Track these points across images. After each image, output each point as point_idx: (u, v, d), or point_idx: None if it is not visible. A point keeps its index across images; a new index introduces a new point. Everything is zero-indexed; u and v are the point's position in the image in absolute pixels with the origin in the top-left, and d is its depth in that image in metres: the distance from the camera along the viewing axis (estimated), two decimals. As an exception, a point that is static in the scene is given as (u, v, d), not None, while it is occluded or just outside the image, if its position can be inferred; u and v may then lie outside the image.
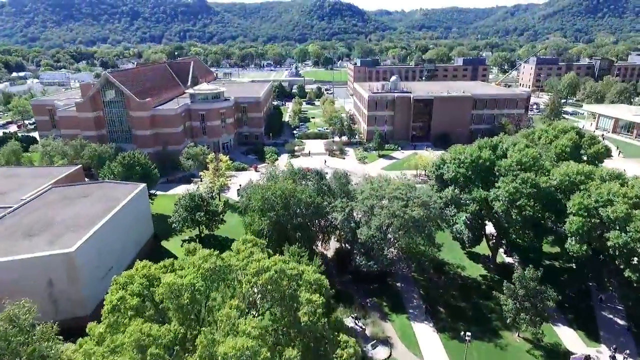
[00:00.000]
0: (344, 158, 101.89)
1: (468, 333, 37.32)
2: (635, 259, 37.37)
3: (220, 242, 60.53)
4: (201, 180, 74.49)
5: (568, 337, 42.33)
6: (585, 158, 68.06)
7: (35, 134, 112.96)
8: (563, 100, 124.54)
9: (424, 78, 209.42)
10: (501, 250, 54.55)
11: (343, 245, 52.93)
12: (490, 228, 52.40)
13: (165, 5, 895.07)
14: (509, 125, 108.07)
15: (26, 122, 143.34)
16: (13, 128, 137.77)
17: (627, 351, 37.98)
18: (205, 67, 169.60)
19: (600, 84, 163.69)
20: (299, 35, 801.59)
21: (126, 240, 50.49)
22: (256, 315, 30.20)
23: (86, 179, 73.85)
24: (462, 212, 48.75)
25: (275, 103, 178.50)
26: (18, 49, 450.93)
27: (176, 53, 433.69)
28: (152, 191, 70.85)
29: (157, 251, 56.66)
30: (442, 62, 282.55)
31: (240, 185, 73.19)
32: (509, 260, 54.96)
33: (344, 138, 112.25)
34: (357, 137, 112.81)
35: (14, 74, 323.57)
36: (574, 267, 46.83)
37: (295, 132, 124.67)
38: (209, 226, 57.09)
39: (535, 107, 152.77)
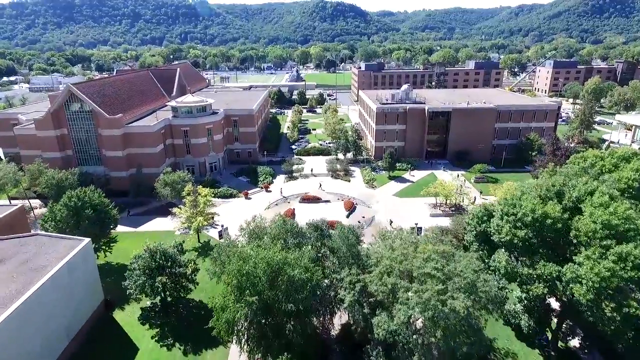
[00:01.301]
0: (349, 180, 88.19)
1: None
2: None
3: (192, 309, 47.07)
4: (177, 217, 61.19)
5: None
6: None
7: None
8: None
9: (433, 84, 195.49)
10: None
11: (354, 326, 39.19)
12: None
13: (167, 7, 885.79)
14: (538, 142, 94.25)
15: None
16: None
17: None
18: (196, 73, 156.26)
19: (629, 90, 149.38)
20: (301, 36, 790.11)
21: (56, 323, 37.06)
22: None
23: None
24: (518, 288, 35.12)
25: (273, 111, 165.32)
26: (13, 52, 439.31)
27: (172, 57, 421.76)
28: (114, 230, 57.58)
29: (106, 329, 43.27)
30: (449, 65, 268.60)
31: (222, 227, 59.75)
32: (573, 342, 41.14)
33: (349, 155, 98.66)
34: (363, 154, 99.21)
35: (4, 79, 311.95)
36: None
37: (294, 146, 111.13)
38: (175, 292, 43.51)
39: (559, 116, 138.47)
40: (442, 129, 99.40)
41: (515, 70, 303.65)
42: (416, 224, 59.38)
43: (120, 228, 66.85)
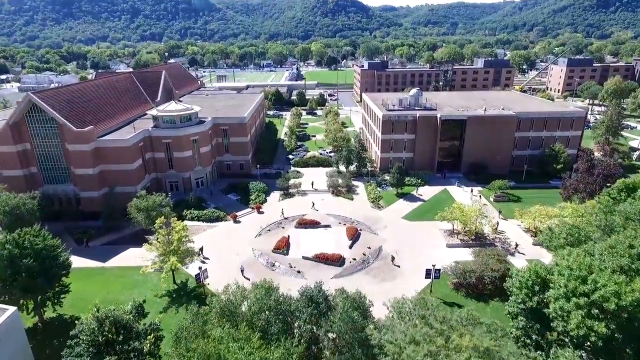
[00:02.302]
0: (352, 198, 78.25)
1: None
2: None
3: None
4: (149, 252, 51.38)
5: None
6: None
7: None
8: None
9: (440, 83, 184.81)
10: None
11: None
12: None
13: (166, 3, 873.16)
14: (564, 153, 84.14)
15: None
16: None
17: None
18: (186, 75, 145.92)
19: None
20: (302, 32, 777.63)
21: None
22: None
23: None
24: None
25: (271, 113, 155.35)
26: (6, 49, 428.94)
27: (168, 54, 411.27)
28: (66, 277, 47.86)
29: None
30: (455, 63, 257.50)
31: (201, 269, 49.99)
32: None
33: (352, 167, 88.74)
34: (368, 166, 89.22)
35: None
36: None
37: (291, 156, 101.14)
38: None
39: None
40: (456, 139, 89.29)
41: (524, 67, 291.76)
42: (433, 265, 49.50)
43: (82, 262, 57.41)
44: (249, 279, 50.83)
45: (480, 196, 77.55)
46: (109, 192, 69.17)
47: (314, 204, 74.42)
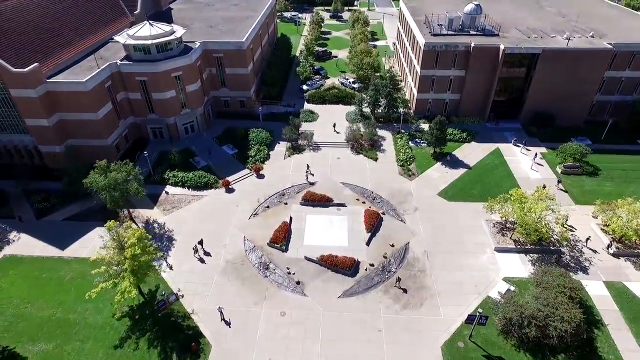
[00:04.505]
0: (375, 157, 61.96)
1: None
2: None
3: None
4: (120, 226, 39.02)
5: None
6: None
7: None
8: None
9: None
10: None
11: None
12: None
13: None
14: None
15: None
16: None
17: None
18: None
19: None
20: None
21: None
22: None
23: None
24: None
25: (288, 16, 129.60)
26: None
27: None
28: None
29: None
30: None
31: (176, 293, 38.04)
32: None
33: (380, 109, 70.42)
34: (400, 108, 70.36)
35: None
36: None
37: (305, 86, 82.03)
38: None
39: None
40: (519, 79, 67.60)
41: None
42: (480, 312, 35.60)
43: (35, 246, 46.79)
44: (229, 324, 38.64)
45: (540, 159, 59.74)
46: (68, 149, 55.65)
47: (308, 168, 58.72)
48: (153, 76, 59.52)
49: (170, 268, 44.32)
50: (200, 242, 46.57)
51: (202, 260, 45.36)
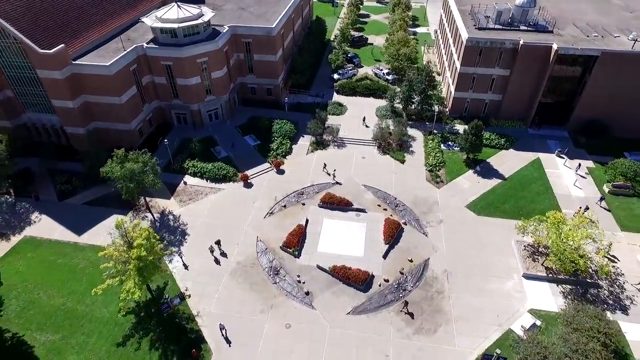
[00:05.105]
0: (402, 159, 58.39)
1: None
2: None
3: None
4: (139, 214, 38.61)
5: None
6: None
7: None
8: None
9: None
10: None
11: None
12: None
13: None
14: None
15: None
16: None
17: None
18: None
19: None
20: None
21: None
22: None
23: None
24: None
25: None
26: None
27: None
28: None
29: None
30: None
31: (183, 292, 37.21)
32: None
33: (413, 106, 66.21)
34: (434, 107, 65.77)
35: None
36: None
37: (337, 75, 78.33)
38: None
39: None
40: (571, 82, 61.25)
41: None
42: (497, 353, 32.55)
43: (54, 229, 47.37)
44: (229, 343, 37.33)
45: (585, 174, 54.39)
46: (89, 133, 55.60)
47: (325, 167, 56.09)
48: (177, 61, 57.95)
49: (186, 268, 43.55)
50: (218, 243, 45.46)
51: (217, 261, 44.27)
